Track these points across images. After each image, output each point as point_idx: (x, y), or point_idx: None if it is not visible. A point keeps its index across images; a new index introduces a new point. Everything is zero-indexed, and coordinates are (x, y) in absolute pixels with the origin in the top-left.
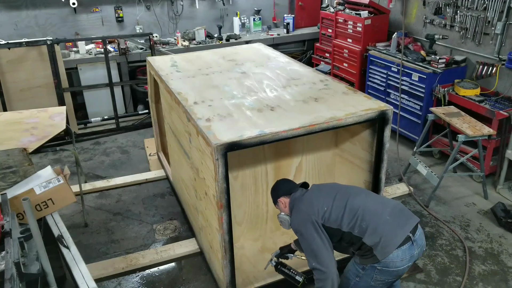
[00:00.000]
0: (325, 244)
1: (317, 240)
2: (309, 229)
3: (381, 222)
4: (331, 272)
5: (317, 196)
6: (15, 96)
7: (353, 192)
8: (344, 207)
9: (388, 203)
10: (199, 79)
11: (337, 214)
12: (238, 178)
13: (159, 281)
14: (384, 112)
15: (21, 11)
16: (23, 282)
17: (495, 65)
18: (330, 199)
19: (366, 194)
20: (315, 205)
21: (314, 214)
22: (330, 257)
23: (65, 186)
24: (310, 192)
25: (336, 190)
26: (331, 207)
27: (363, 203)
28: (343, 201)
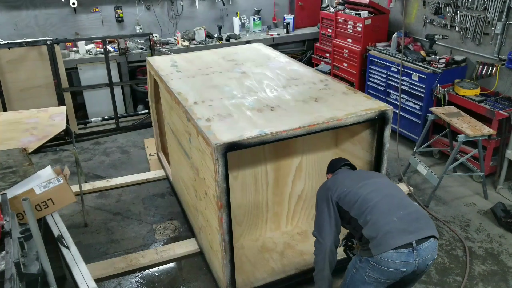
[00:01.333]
0: (331, 220)
1: (325, 213)
2: (323, 202)
3: (385, 221)
4: (326, 244)
5: (346, 177)
6: (15, 96)
7: (379, 187)
8: (360, 196)
9: (407, 208)
10: (199, 79)
11: (351, 199)
12: (238, 178)
13: (159, 281)
14: (384, 112)
15: (21, 11)
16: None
17: (495, 65)
18: (355, 184)
19: (389, 194)
20: (338, 184)
21: (332, 191)
22: (330, 232)
23: (65, 186)
24: (345, 173)
25: (366, 180)
26: (350, 191)
27: (379, 200)
28: (364, 191)
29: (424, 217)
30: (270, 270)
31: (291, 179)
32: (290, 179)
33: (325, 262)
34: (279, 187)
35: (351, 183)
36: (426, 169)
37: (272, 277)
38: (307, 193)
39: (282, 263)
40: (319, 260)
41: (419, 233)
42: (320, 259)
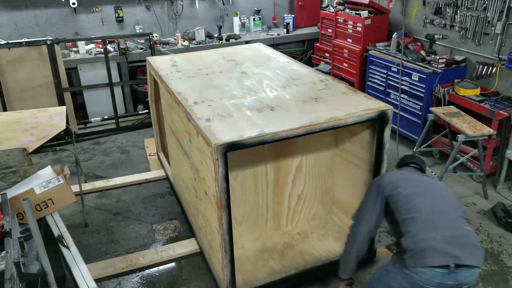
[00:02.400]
0: (374, 210)
1: (371, 201)
2: (373, 189)
3: (426, 237)
4: (360, 230)
5: (405, 177)
6: (15, 96)
7: (434, 199)
8: (410, 202)
9: (457, 230)
10: (199, 79)
11: (400, 202)
12: (238, 178)
13: (159, 281)
14: (384, 112)
15: (21, 11)
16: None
17: (495, 65)
18: (410, 188)
19: (442, 210)
20: (395, 180)
21: (386, 183)
22: (369, 221)
23: (65, 186)
24: (408, 173)
25: (423, 187)
26: (402, 192)
27: (427, 213)
28: (416, 198)
29: (472, 245)
30: (270, 270)
31: (291, 179)
32: (290, 179)
33: (354, 246)
34: (279, 187)
35: (406, 185)
36: (426, 169)
37: (272, 277)
38: (307, 193)
39: (282, 263)
40: (349, 242)
41: (461, 259)
42: (350, 241)
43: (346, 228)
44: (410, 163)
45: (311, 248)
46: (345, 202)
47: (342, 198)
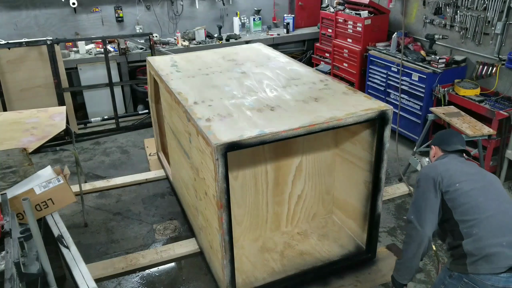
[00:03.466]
0: (434, 207)
1: (431, 200)
2: (429, 185)
3: (492, 242)
4: (425, 233)
5: (460, 169)
6: (15, 96)
7: (496, 197)
8: (471, 201)
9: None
10: (199, 79)
11: (460, 200)
12: (238, 178)
13: (159, 281)
14: (384, 112)
15: (21, 11)
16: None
17: (495, 65)
18: (469, 183)
19: (505, 210)
20: (451, 173)
21: (442, 177)
22: (432, 220)
23: (65, 186)
24: (459, 162)
25: (482, 182)
26: (461, 189)
27: (492, 214)
28: (477, 196)
29: None
30: (270, 270)
31: (291, 179)
32: (290, 179)
33: (419, 250)
34: (279, 187)
35: (465, 179)
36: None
37: (272, 277)
38: (307, 193)
39: (282, 263)
40: (412, 247)
41: None
42: (413, 246)
43: (346, 228)
44: (456, 149)
45: (311, 248)
46: (345, 202)
47: (342, 198)
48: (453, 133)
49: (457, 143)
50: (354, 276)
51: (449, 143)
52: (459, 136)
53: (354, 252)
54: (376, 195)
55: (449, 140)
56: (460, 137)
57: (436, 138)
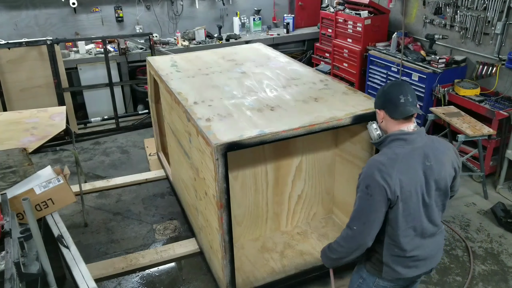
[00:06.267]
0: (381, 220)
1: (379, 212)
2: (377, 196)
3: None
4: (366, 245)
5: (414, 168)
6: (15, 96)
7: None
8: (420, 223)
9: (436, 245)
10: (199, 79)
11: (408, 217)
12: (238, 178)
13: (159, 281)
14: None
15: (21, 11)
16: (23, 282)
17: (495, 65)
18: (419, 191)
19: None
20: (402, 177)
21: (392, 182)
22: (375, 233)
23: (65, 186)
24: (415, 156)
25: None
26: (411, 203)
27: (429, 242)
28: (425, 217)
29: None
30: (270, 270)
31: (291, 179)
32: (290, 179)
33: (351, 257)
34: (279, 187)
35: (416, 185)
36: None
37: (272, 277)
38: (307, 193)
39: (282, 263)
40: (346, 251)
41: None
42: (347, 251)
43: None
44: (408, 115)
45: (311, 248)
46: (345, 202)
47: (342, 198)
48: (401, 89)
49: (407, 104)
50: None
51: (396, 106)
52: (408, 90)
53: None
54: None
55: (396, 102)
56: (409, 91)
57: (380, 97)
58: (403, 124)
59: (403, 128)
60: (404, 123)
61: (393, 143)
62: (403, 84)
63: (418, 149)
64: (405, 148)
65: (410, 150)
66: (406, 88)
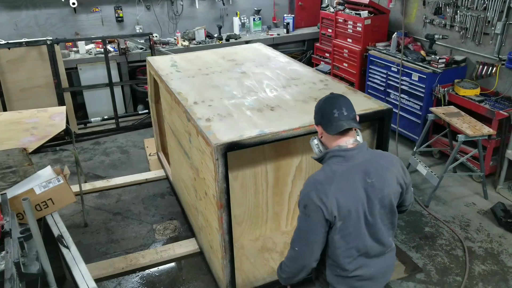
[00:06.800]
0: (323, 242)
1: (320, 235)
2: (318, 217)
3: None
4: (310, 265)
5: (355, 187)
6: (15, 96)
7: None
8: (363, 245)
9: (387, 266)
10: (199, 79)
11: (350, 240)
12: (238, 178)
13: (159, 281)
14: (384, 112)
15: (21, 11)
16: (23, 282)
17: (495, 65)
18: (361, 213)
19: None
20: (342, 194)
21: (328, 202)
22: (318, 254)
23: (65, 186)
24: (355, 174)
25: (376, 204)
26: (351, 225)
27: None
28: (368, 238)
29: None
30: (270, 270)
31: (291, 179)
32: (290, 179)
33: (298, 277)
34: (279, 187)
35: (357, 203)
36: (426, 169)
37: (272, 277)
38: None
39: None
40: (293, 272)
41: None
42: (293, 272)
43: None
44: (342, 130)
45: None
46: None
47: None
48: (335, 103)
49: (341, 118)
50: None
51: (330, 121)
52: (343, 104)
53: None
54: None
55: (330, 116)
56: (344, 105)
57: (316, 112)
58: (340, 139)
59: (341, 143)
60: (342, 138)
61: (332, 159)
62: (338, 97)
63: (358, 166)
64: (344, 165)
65: (349, 167)
66: (341, 101)
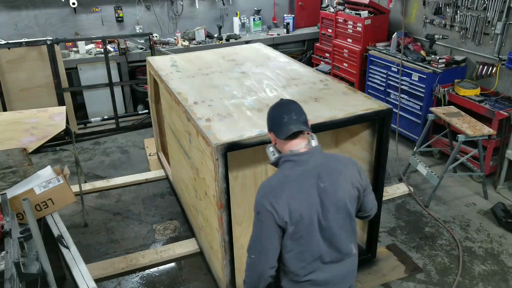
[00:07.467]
0: (278, 248)
1: (274, 240)
2: (269, 223)
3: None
4: (267, 274)
5: (308, 192)
6: (15, 96)
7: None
8: (318, 252)
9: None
10: (199, 79)
11: (303, 248)
12: (238, 178)
13: (159, 281)
14: (384, 112)
15: (21, 11)
16: (23, 282)
17: (495, 65)
18: (315, 220)
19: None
20: (294, 199)
21: (279, 207)
22: (275, 261)
23: (65, 186)
24: (307, 179)
25: (330, 210)
26: (304, 231)
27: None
28: (322, 243)
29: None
30: None
31: None
32: None
33: (260, 285)
34: None
35: (310, 208)
36: (426, 169)
37: None
38: None
39: None
40: (253, 280)
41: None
42: (253, 280)
43: None
44: (291, 133)
45: None
46: None
47: None
48: (284, 108)
49: (290, 122)
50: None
51: (280, 126)
52: (292, 109)
53: None
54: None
55: (280, 122)
56: (293, 109)
57: (268, 119)
58: (291, 144)
59: (292, 148)
60: (293, 142)
61: (285, 164)
62: (287, 103)
63: (311, 170)
64: (296, 170)
65: (301, 171)
66: (291, 106)
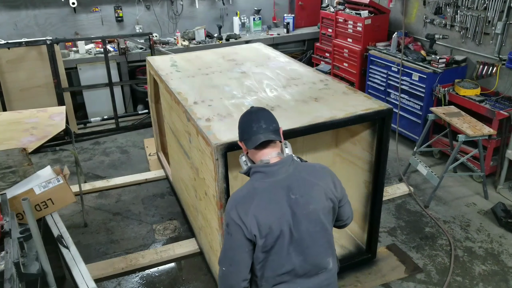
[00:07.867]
0: (244, 257)
1: (245, 254)
2: (238, 237)
3: None
4: (239, 285)
5: (278, 204)
6: (15, 96)
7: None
8: (290, 264)
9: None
10: (199, 79)
11: (275, 260)
12: (238, 178)
13: (159, 281)
14: (384, 112)
15: (21, 11)
16: (22, 282)
17: (495, 65)
18: (286, 233)
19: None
20: (263, 212)
21: (247, 220)
22: (247, 274)
23: (64, 186)
24: (279, 186)
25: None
26: (276, 245)
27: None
28: (294, 257)
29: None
30: None
31: None
32: None
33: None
34: None
35: (280, 220)
36: (427, 169)
37: None
38: None
39: None
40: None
41: None
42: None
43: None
44: (260, 142)
45: None
46: None
47: None
48: (253, 117)
49: (259, 131)
50: (354, 276)
51: (249, 135)
52: (261, 117)
53: (354, 252)
54: (376, 195)
55: (249, 131)
56: (262, 118)
57: (238, 128)
58: (261, 153)
59: (263, 157)
60: (263, 151)
61: (255, 175)
62: (257, 111)
63: (281, 182)
64: (266, 182)
65: (271, 183)
66: (260, 114)
